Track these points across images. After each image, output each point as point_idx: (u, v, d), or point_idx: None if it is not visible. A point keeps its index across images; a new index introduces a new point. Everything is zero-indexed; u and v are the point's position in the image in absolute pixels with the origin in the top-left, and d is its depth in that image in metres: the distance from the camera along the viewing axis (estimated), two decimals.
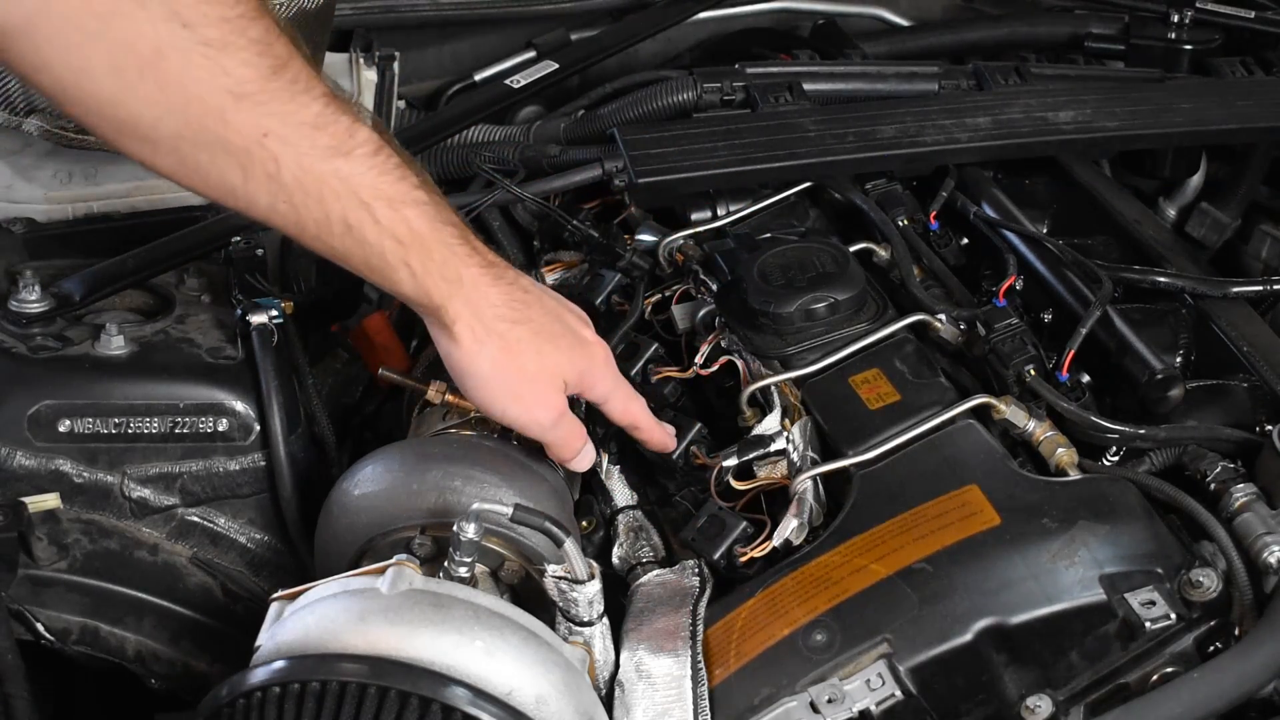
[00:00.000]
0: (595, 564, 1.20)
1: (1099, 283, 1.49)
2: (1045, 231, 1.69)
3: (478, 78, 2.15)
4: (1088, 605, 1.19)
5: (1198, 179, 1.95)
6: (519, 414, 1.34)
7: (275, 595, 1.21)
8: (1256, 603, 1.20)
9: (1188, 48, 2.06)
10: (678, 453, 1.44)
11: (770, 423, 1.41)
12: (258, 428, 1.54)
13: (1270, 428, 1.30)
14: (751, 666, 1.20)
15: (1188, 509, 1.26)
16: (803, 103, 1.85)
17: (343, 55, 1.99)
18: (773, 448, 1.38)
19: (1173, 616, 1.17)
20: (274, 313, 1.56)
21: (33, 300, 1.56)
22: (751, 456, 1.38)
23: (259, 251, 1.63)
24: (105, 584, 1.57)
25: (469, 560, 1.20)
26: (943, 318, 1.49)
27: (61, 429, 1.50)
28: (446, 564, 1.20)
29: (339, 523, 1.34)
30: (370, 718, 1.05)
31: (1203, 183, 1.95)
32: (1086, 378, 1.42)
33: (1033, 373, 1.40)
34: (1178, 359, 1.46)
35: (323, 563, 1.36)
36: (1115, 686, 1.19)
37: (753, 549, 1.31)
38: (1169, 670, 1.18)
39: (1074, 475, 1.32)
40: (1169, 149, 1.91)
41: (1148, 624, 1.17)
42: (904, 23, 2.32)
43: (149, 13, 1.11)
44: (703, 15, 2.23)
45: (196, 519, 1.57)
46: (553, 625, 1.20)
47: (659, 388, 1.52)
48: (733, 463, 1.38)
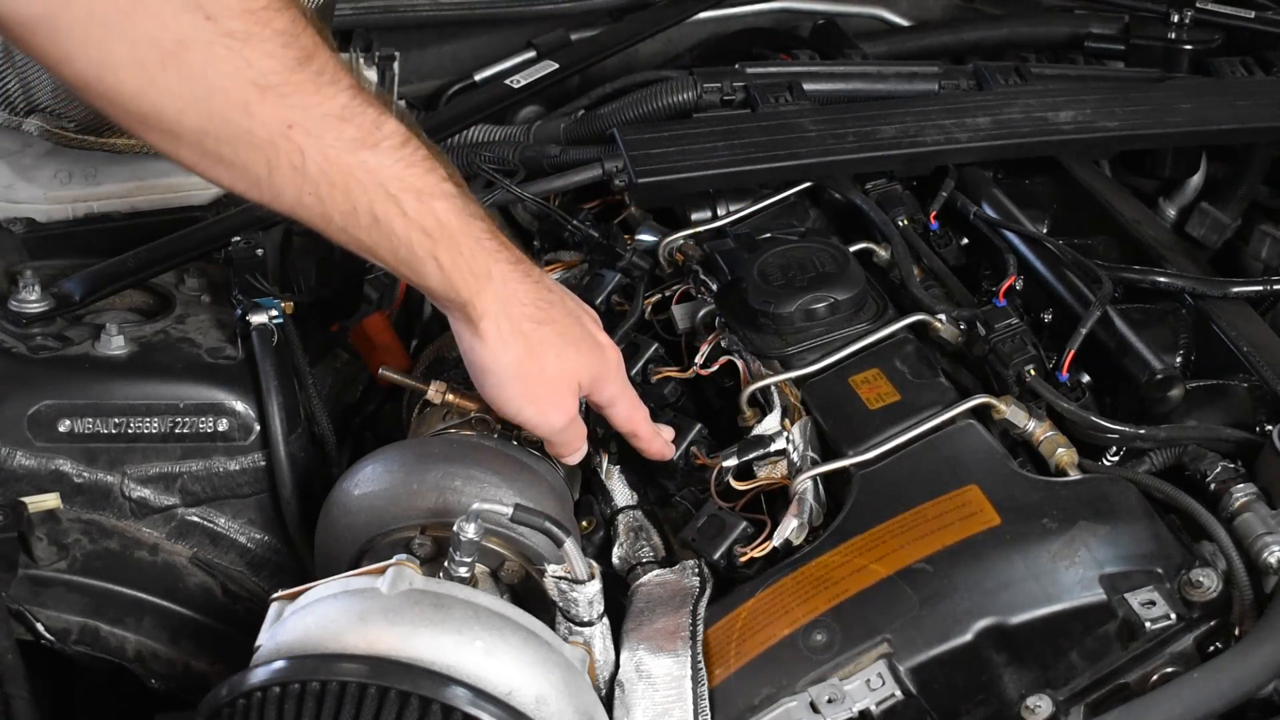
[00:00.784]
0: (595, 564, 1.20)
1: (1099, 283, 1.49)
2: (1045, 231, 1.69)
3: (478, 78, 2.15)
4: (1088, 605, 1.19)
5: (1198, 179, 1.95)
6: (532, 414, 1.34)
7: (275, 595, 1.21)
8: (1256, 603, 1.19)
9: (1188, 48, 2.05)
10: (678, 453, 1.44)
11: (770, 423, 1.41)
12: (258, 428, 1.54)
13: (1270, 428, 1.29)
14: (752, 666, 1.20)
15: (1188, 509, 1.26)
16: (803, 103, 1.85)
17: (343, 55, 1.99)
18: (773, 448, 1.38)
19: (1173, 616, 1.17)
20: (274, 313, 1.56)
21: (33, 300, 1.56)
22: (751, 456, 1.38)
23: (259, 251, 1.62)
24: (105, 584, 1.57)
25: (469, 560, 1.20)
26: (943, 318, 1.49)
27: (61, 429, 1.51)
28: (446, 564, 1.20)
29: (339, 523, 1.34)
30: (370, 718, 1.05)
31: (1203, 183, 1.95)
32: (1086, 378, 1.42)
33: (1033, 373, 1.40)
34: (1178, 359, 1.46)
35: (323, 563, 1.36)
36: (1115, 686, 1.19)
37: (753, 549, 1.31)
38: (1169, 670, 1.18)
39: (1074, 475, 1.32)
40: (1169, 149, 1.91)
41: (1148, 624, 1.16)
42: (904, 23, 2.32)
43: (171, 5, 1.09)
44: (703, 15, 2.23)
45: (196, 519, 1.57)
46: (553, 625, 1.20)
47: (659, 388, 1.52)
48: (733, 463, 1.38)
